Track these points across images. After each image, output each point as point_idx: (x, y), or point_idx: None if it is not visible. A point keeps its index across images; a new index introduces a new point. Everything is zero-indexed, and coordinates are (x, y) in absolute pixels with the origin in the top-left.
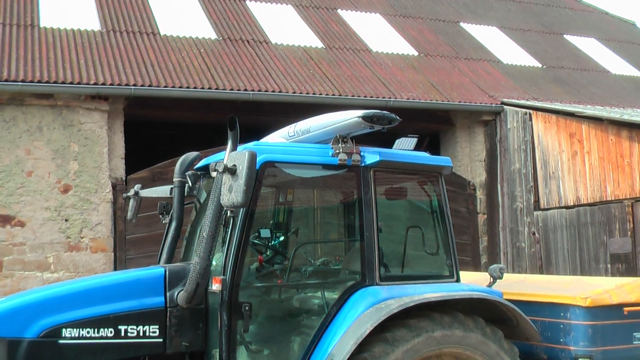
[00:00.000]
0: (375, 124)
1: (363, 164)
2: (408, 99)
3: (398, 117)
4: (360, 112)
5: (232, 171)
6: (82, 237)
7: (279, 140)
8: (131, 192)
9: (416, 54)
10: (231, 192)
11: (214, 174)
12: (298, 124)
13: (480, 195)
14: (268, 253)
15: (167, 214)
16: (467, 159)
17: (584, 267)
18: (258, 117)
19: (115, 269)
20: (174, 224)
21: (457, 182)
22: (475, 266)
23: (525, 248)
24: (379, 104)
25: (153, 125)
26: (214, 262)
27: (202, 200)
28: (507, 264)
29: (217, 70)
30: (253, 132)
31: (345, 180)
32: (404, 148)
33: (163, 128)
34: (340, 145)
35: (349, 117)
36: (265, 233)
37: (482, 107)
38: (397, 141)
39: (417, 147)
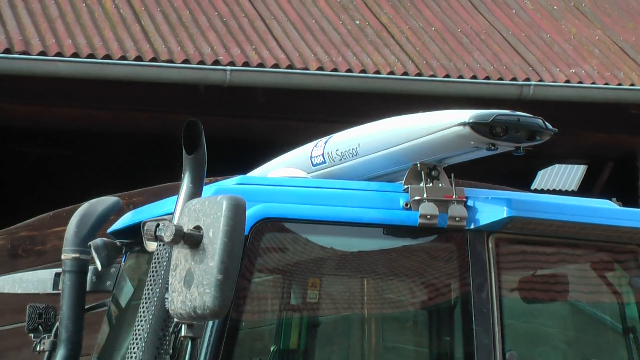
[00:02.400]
0: (498, 140)
1: (473, 226)
2: (567, 81)
3: (549, 125)
4: (467, 115)
5: (192, 241)
6: None
7: (293, 174)
8: None
9: None
10: (190, 286)
11: (151, 246)
12: (332, 140)
13: None
14: None
15: (48, 332)
16: None
17: None
18: (245, 121)
19: None
20: (61, 354)
21: None
22: None
23: None
24: (507, 94)
25: (14, 134)
26: None
27: (123, 302)
28: None
29: (156, 22)
30: (237, 155)
31: (434, 260)
32: (557, 190)
33: (37, 142)
34: (423, 184)
35: (444, 126)
36: None
37: None
38: (540, 173)
39: (587, 185)
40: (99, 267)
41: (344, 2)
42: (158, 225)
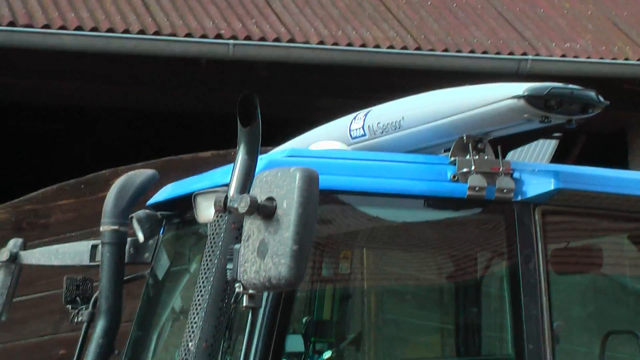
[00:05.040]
0: (552, 112)
1: (520, 198)
2: (564, 56)
3: (602, 98)
4: (521, 88)
5: (266, 212)
6: None
7: (335, 146)
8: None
9: None
10: (264, 256)
11: (204, 217)
12: (372, 113)
13: None
14: None
15: (86, 304)
16: None
17: None
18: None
19: None
20: (102, 324)
21: None
22: None
23: None
24: (505, 68)
25: (13, 109)
26: None
27: (161, 274)
28: None
29: None
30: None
31: (482, 231)
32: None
33: (37, 116)
34: (470, 157)
35: (496, 98)
36: (295, 343)
37: None
38: (510, 153)
39: (559, 156)
40: (141, 239)
41: None
42: (227, 197)
